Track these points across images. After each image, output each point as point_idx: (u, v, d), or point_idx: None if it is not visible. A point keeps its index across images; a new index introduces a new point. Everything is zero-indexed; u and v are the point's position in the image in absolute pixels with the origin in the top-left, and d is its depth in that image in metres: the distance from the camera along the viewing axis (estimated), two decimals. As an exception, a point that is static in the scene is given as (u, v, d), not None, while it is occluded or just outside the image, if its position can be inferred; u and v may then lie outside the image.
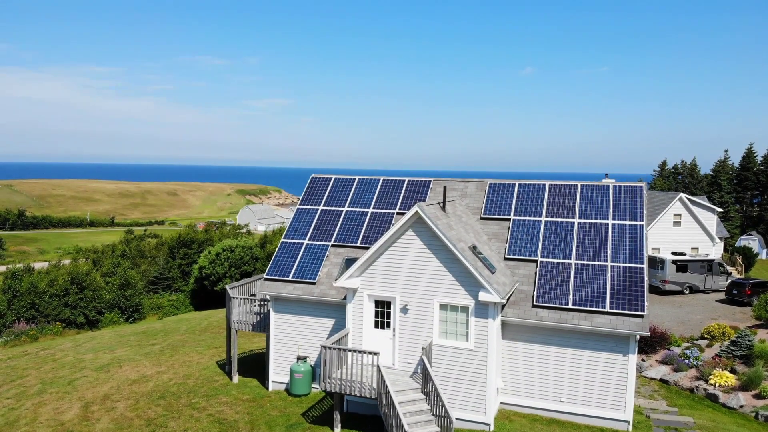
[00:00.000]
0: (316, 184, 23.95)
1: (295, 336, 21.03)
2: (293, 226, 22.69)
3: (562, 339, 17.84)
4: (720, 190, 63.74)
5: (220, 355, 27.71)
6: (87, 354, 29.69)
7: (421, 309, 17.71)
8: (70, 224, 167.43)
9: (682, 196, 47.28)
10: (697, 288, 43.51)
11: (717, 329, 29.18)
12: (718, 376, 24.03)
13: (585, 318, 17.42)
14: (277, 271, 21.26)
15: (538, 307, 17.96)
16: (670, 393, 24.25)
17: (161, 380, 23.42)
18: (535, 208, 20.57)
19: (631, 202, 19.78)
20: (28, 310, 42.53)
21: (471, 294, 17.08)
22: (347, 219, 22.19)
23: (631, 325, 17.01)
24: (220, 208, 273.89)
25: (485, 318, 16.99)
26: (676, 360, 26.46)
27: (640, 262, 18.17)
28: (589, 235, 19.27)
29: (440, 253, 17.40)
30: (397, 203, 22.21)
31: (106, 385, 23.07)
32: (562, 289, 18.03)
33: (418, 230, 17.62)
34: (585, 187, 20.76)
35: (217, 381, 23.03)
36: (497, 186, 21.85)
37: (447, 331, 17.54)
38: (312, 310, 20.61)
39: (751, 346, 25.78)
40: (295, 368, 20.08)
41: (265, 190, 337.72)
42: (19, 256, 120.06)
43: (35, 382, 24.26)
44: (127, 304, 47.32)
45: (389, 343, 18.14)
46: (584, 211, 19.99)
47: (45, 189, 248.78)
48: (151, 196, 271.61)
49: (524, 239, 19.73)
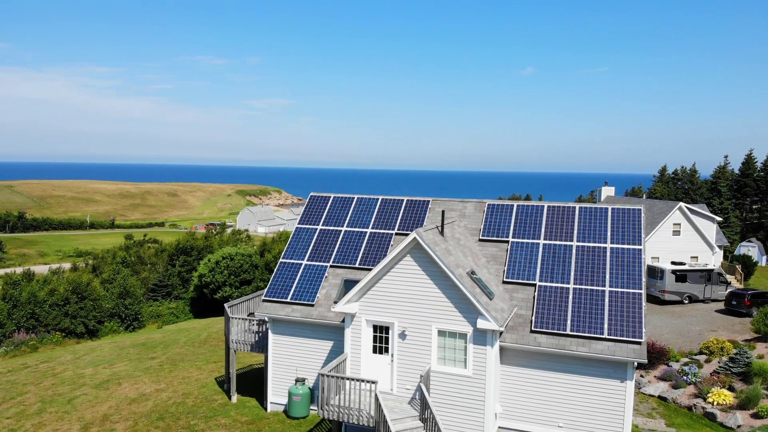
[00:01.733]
0: (315, 203, 23.97)
1: (293, 357, 21.06)
2: (292, 245, 22.71)
3: (560, 364, 17.87)
4: (720, 197, 63.74)
5: (219, 371, 27.75)
6: (86, 368, 29.72)
7: (420, 335, 17.74)
8: (71, 226, 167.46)
9: (681, 205, 47.27)
10: (696, 298, 43.53)
11: (715, 344, 29.20)
12: (716, 395, 24.05)
13: (583, 344, 17.45)
14: (275, 292, 21.28)
15: (536, 333, 17.98)
16: (669, 411, 24.28)
17: (160, 399, 23.46)
18: (534, 231, 20.59)
19: (629, 225, 19.81)
20: (28, 320, 42.56)
21: (469, 321, 17.11)
22: (346, 239, 22.22)
23: (629, 352, 17.04)
24: (221, 208, 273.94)
25: (483, 345, 17.02)
26: (674, 376, 26.48)
27: (638, 287, 18.20)
28: (588, 258, 19.29)
29: (438, 280, 17.43)
30: (396, 223, 22.23)
31: (106, 405, 23.10)
32: (560, 315, 18.06)
33: (416, 256, 17.65)
34: (583, 210, 20.78)
35: (216, 400, 23.07)
36: (496, 207, 21.87)
37: (445, 358, 17.57)
38: (310, 332, 20.65)
39: (749, 363, 25.81)
40: (294, 391, 20.12)
41: (266, 191, 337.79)
42: (20, 259, 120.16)
43: (35, 400, 24.29)
44: (127, 312, 47.34)
45: (387, 368, 18.18)
46: (582, 234, 20.01)
47: (45, 190, 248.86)
48: (151, 196, 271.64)
49: (523, 262, 19.76)
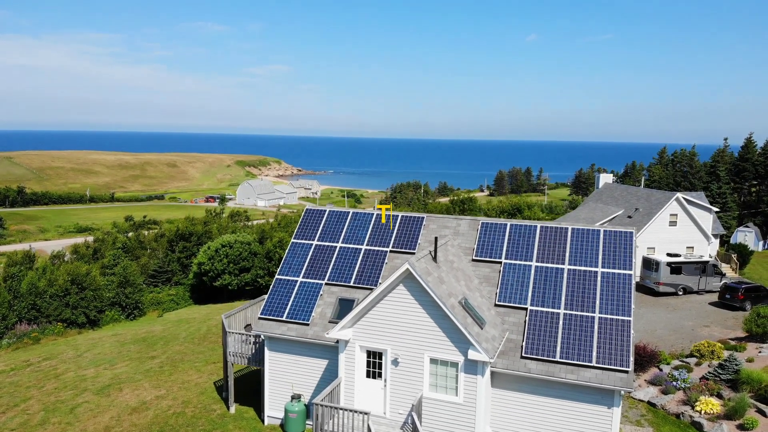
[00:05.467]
0: (311, 217, 24.10)
1: (289, 374, 21.49)
2: (287, 261, 22.93)
3: (550, 389, 18.27)
4: (718, 181, 63.72)
5: (218, 373, 28.31)
6: (88, 369, 30.30)
7: (412, 362, 18.11)
8: (70, 200, 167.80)
9: (678, 196, 47.36)
10: (690, 289, 44.00)
11: (706, 347, 29.67)
12: (703, 403, 24.56)
13: (572, 371, 17.82)
14: (271, 310, 21.59)
15: (526, 359, 18.33)
16: (657, 418, 24.83)
17: (160, 409, 24.00)
18: (526, 252, 20.77)
19: (620, 249, 19.98)
20: (29, 311, 43.09)
21: (461, 350, 17.44)
22: (341, 256, 22.43)
23: (616, 381, 17.41)
24: (220, 180, 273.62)
25: (474, 374, 17.39)
26: (664, 381, 26.98)
27: (628, 314, 18.47)
28: (578, 283, 19.53)
29: (431, 309, 17.70)
30: (390, 240, 22.41)
31: (107, 415, 23.66)
32: (550, 341, 18.38)
33: (409, 285, 17.89)
34: (575, 231, 20.92)
35: (215, 410, 23.62)
36: (489, 226, 22.00)
37: (437, 385, 17.97)
38: (306, 350, 21.02)
39: (738, 370, 26.28)
40: (290, 408, 20.59)
41: (265, 161, 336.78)
42: (20, 235, 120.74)
43: (39, 408, 24.85)
44: (128, 302, 47.91)
45: (381, 392, 18.60)
46: (574, 257, 20.20)
47: (44, 161, 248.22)
48: (150, 167, 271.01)
49: (515, 285, 20.00)
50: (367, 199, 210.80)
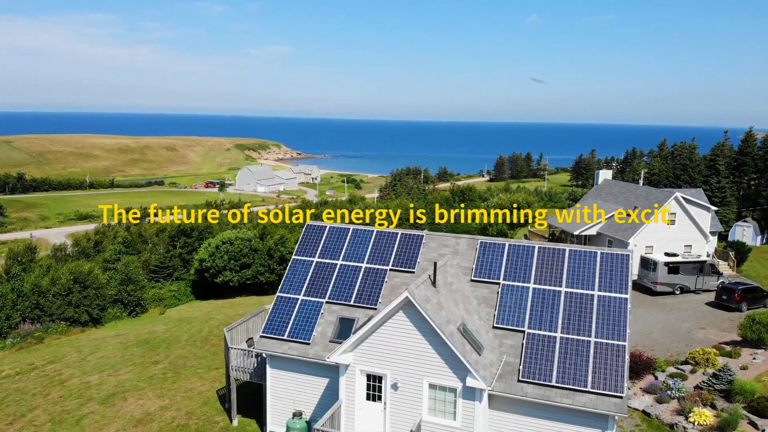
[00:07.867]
0: (311, 233, 24.34)
1: (291, 391, 21.91)
2: (288, 279, 23.23)
3: (546, 412, 18.67)
4: (718, 175, 63.84)
5: (220, 380, 28.77)
6: (92, 375, 30.76)
7: (411, 387, 18.50)
8: (70, 186, 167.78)
9: (677, 195, 47.54)
10: (688, 289, 44.41)
11: (701, 355, 30.13)
12: (697, 415, 25.02)
13: (567, 396, 18.20)
14: (272, 328, 21.94)
15: (523, 382, 18.70)
16: (652, 428, 25.32)
17: (164, 420, 24.48)
18: (524, 273, 21.05)
19: (617, 271, 20.24)
20: (32, 311, 43.53)
21: (459, 377, 17.81)
22: (341, 274, 22.71)
23: (611, 406, 17.80)
24: (219, 164, 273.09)
25: (472, 400, 17.79)
26: (659, 390, 27.44)
27: (623, 339, 18.81)
28: (575, 306, 19.83)
29: (430, 336, 18.04)
30: (390, 258, 22.67)
31: (113, 427, 24.14)
32: (546, 365, 18.74)
33: (409, 313, 18.20)
34: (573, 252, 21.17)
35: (218, 423, 24.10)
36: (488, 246, 22.25)
37: (436, 409, 18.37)
38: (307, 368, 21.41)
39: (731, 381, 26.73)
40: (291, 425, 21.03)
41: (265, 145, 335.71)
42: (21, 223, 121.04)
43: (45, 419, 25.33)
44: (130, 299, 48.34)
45: (380, 415, 19.01)
46: (571, 279, 20.48)
47: (44, 145, 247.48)
48: (150, 151, 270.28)
49: (513, 307, 20.31)
50: (367, 184, 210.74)
